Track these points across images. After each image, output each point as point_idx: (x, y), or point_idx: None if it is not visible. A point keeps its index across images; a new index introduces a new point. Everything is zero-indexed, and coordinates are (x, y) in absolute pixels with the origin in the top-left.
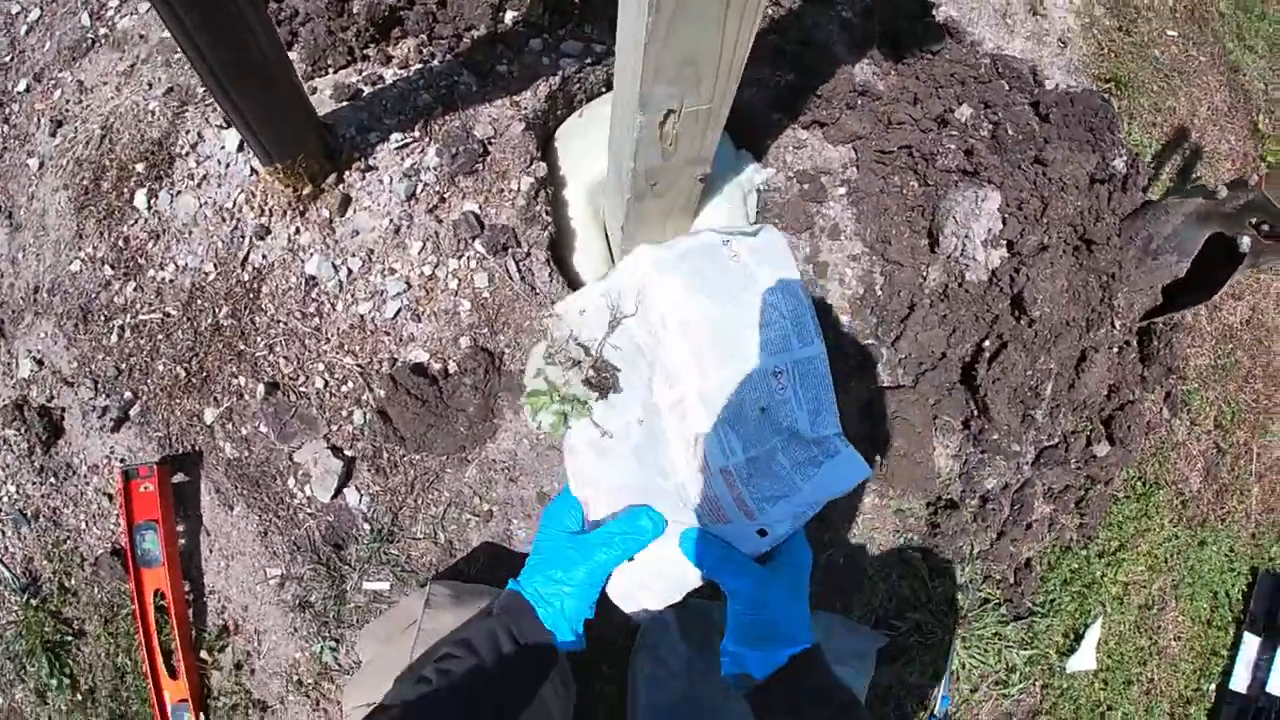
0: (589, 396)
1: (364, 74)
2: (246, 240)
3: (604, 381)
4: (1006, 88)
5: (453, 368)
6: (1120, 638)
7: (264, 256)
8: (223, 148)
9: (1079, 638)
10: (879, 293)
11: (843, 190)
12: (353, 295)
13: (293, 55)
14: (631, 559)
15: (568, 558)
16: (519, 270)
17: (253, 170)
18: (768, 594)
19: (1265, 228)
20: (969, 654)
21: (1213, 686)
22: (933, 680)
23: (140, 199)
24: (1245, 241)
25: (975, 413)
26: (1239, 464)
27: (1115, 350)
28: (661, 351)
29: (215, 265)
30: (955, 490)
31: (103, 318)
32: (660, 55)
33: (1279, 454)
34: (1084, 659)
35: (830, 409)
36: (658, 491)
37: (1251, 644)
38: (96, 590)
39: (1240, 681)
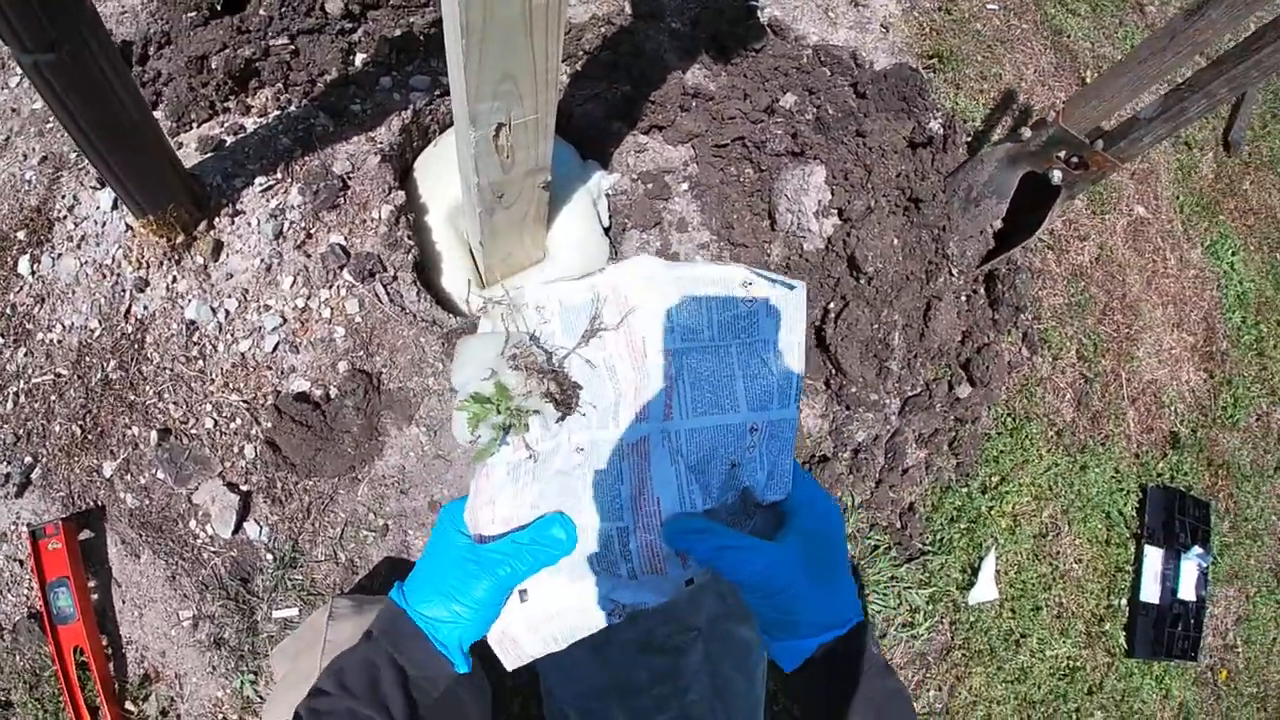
0: (542, 412)
1: (226, 125)
2: (127, 293)
3: (567, 399)
4: (829, 74)
5: (334, 392)
6: (1019, 567)
7: (145, 307)
8: (98, 207)
9: (975, 571)
10: None
11: (685, 186)
12: (232, 334)
13: (158, 114)
14: (524, 599)
15: (465, 571)
16: (388, 293)
17: (128, 226)
18: (778, 577)
19: (1074, 160)
20: (869, 601)
21: (1124, 601)
22: None
23: (24, 265)
24: (1056, 175)
25: (833, 372)
26: (1109, 390)
27: (963, 298)
28: (638, 380)
29: (100, 321)
30: (827, 448)
31: None
32: (480, 73)
33: (1149, 377)
34: (984, 590)
35: (785, 474)
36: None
37: (1155, 556)
38: (18, 658)
39: (1150, 592)
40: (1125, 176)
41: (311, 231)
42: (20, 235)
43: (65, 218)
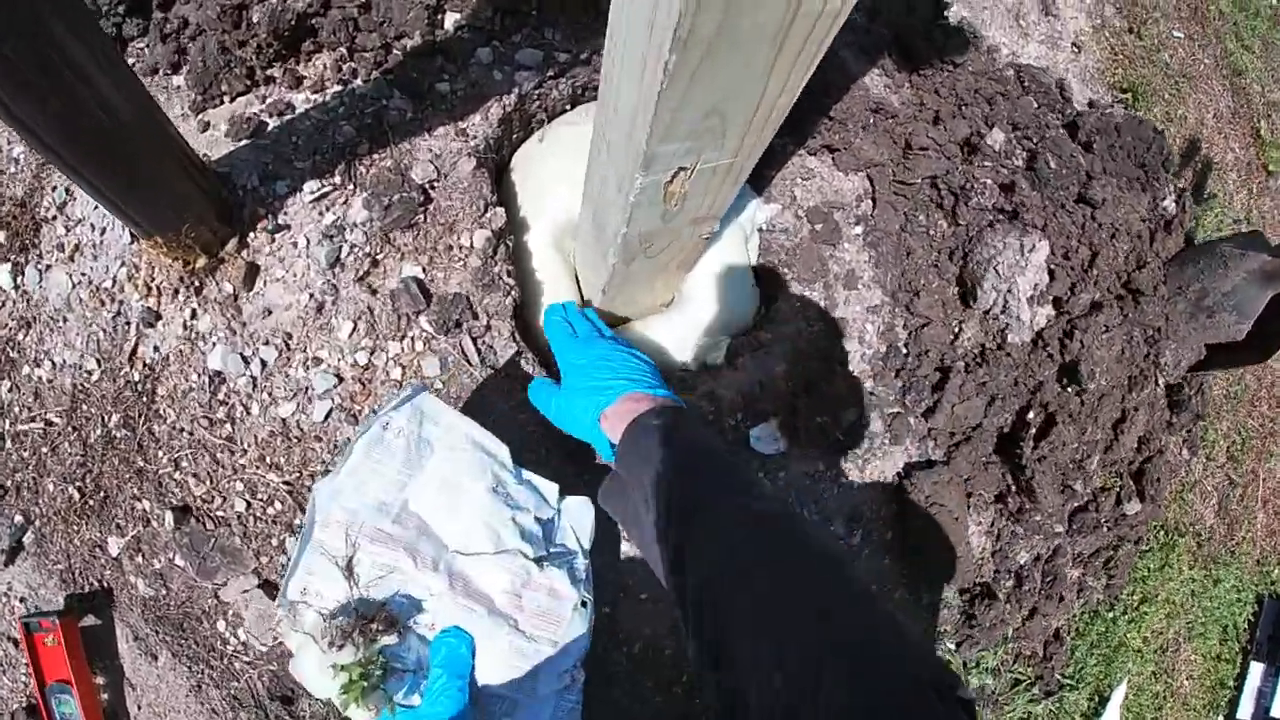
0: (381, 640)
1: (268, 102)
2: (133, 328)
3: (390, 619)
4: (1035, 105)
5: None
6: (1139, 689)
7: (155, 349)
8: (95, 207)
9: (1104, 701)
10: (904, 351)
11: (859, 229)
12: (270, 394)
13: (178, 81)
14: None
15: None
16: (477, 349)
17: (134, 237)
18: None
19: None
20: None
21: (1222, 717)
22: None
23: (4, 275)
24: None
25: (1012, 488)
26: (1248, 493)
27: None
28: (406, 547)
29: (98, 361)
30: (988, 571)
31: None
32: (680, 107)
33: None
34: None
35: (539, 481)
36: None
37: (1257, 671)
38: None
39: (1246, 710)
40: None
41: (379, 259)
42: (0, 236)
43: (55, 218)
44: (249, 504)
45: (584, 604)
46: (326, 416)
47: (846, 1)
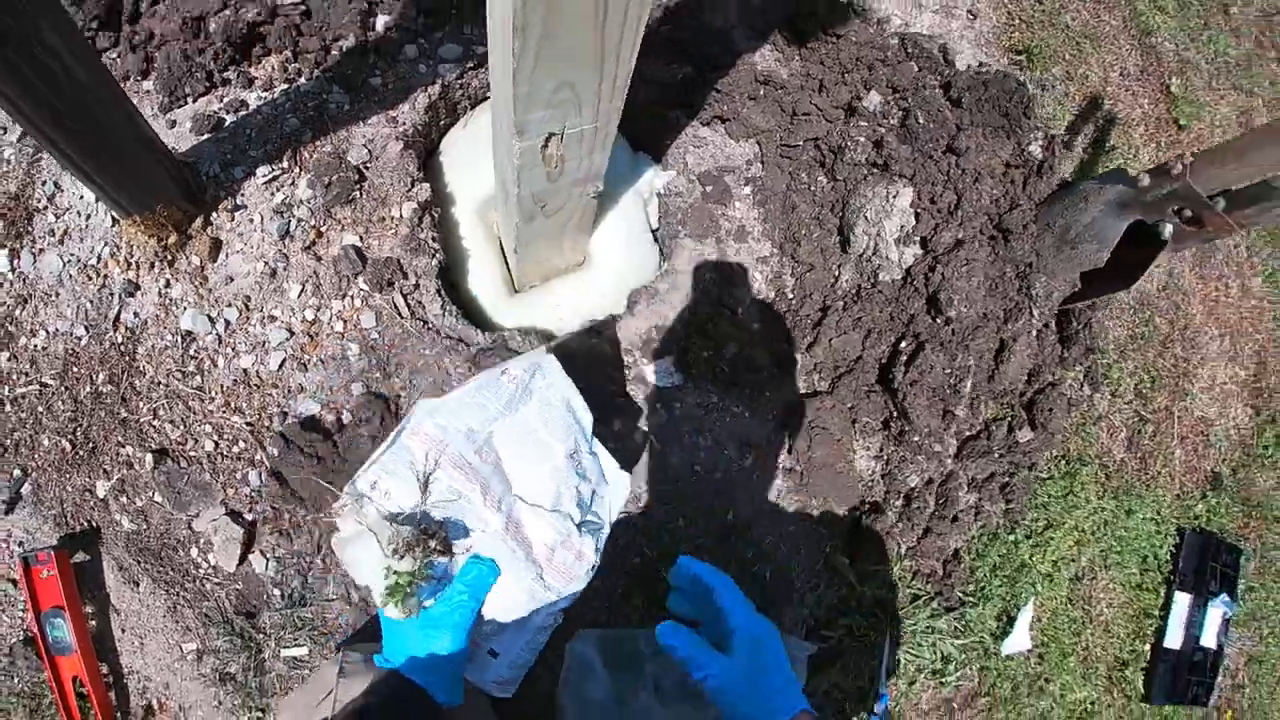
0: (435, 558)
1: (225, 100)
2: (115, 299)
3: (445, 542)
4: (916, 69)
5: (346, 418)
6: (1053, 613)
7: (135, 315)
8: (81, 197)
9: (1011, 620)
10: (790, 296)
11: (748, 189)
12: (233, 348)
13: (148, 84)
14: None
15: (427, 635)
16: (408, 305)
17: (114, 220)
18: (725, 679)
19: (1188, 214)
20: (904, 650)
21: (1147, 646)
22: (870, 681)
23: (2, 261)
24: (1168, 230)
25: (894, 414)
26: (1161, 430)
27: (1033, 335)
28: (478, 483)
29: (86, 328)
30: (879, 492)
31: None
32: (533, 80)
33: (1199, 414)
34: (1019, 640)
35: (607, 459)
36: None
37: (1183, 602)
38: (15, 680)
39: (1174, 639)
40: None
41: (323, 231)
42: None
43: (45, 208)
44: (216, 444)
45: (593, 568)
46: (280, 365)
47: None
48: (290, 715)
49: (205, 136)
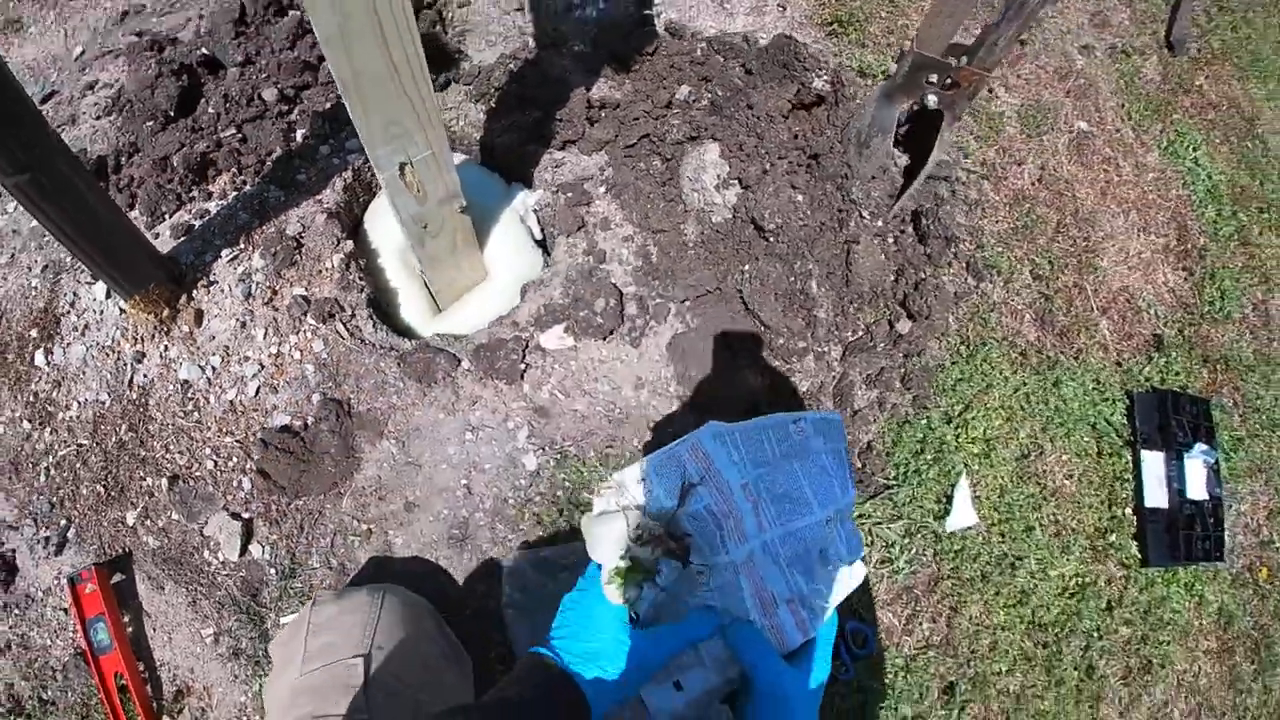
0: (667, 564)
1: (193, 211)
2: (129, 366)
3: (684, 550)
4: (722, 61)
5: (310, 421)
6: (1002, 490)
7: (145, 375)
8: (95, 299)
9: (950, 499)
10: (654, 260)
11: (604, 189)
12: (220, 386)
13: (135, 212)
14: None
15: (619, 645)
16: (348, 329)
17: (121, 310)
18: (789, 686)
19: (946, 81)
20: None
21: (1128, 510)
22: None
23: (39, 358)
24: (931, 99)
25: (761, 327)
26: (1075, 305)
27: (890, 240)
28: (732, 512)
29: (109, 394)
30: (767, 402)
31: (30, 464)
32: (368, 123)
33: (1118, 285)
34: (962, 516)
35: (857, 542)
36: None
37: (1154, 459)
38: (69, 694)
39: (1156, 497)
40: (1060, 95)
41: (276, 288)
42: (33, 333)
43: (69, 312)
44: (215, 462)
45: (802, 645)
46: (257, 392)
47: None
48: (277, 649)
49: (181, 239)
